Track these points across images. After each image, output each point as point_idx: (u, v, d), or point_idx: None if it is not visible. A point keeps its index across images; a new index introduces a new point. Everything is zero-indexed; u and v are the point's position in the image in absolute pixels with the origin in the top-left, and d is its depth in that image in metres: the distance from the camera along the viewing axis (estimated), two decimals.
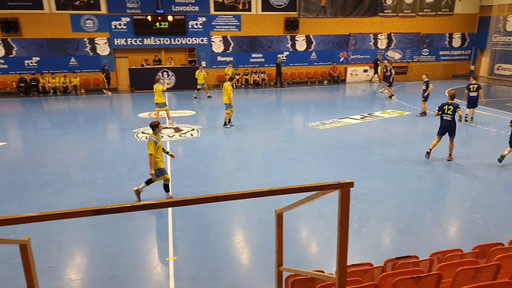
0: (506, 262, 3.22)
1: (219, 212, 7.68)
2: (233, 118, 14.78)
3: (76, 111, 18.71)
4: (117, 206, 2.05)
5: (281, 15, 23.92)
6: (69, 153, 11.63)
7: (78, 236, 6.88)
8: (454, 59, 27.61)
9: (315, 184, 2.20)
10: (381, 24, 25.48)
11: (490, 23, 25.81)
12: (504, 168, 10.27)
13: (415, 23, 26.04)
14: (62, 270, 5.95)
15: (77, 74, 22.52)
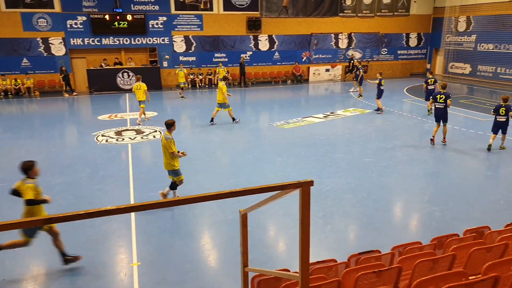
0: (460, 252, 3.35)
1: (185, 215, 7.56)
2: (197, 118, 14.62)
3: (30, 114, 17.88)
4: (69, 213, 1.95)
5: (244, 15, 23.92)
6: (23, 158, 11.04)
7: (32, 246, 6.55)
8: (411, 58, 28.64)
9: (276, 184, 2.18)
10: (341, 24, 26.03)
11: (443, 23, 26.98)
12: (459, 163, 10.75)
13: (374, 23, 26.80)
14: (17, 284, 5.65)
15: (30, 76, 21.47)
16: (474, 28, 25.05)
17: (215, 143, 12.66)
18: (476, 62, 25.11)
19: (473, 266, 3.15)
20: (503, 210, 7.64)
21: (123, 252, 6.41)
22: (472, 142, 12.33)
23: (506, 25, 22.87)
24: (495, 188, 8.78)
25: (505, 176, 9.60)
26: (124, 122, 15.15)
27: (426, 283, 2.55)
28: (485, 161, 10.71)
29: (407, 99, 19.39)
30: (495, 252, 3.29)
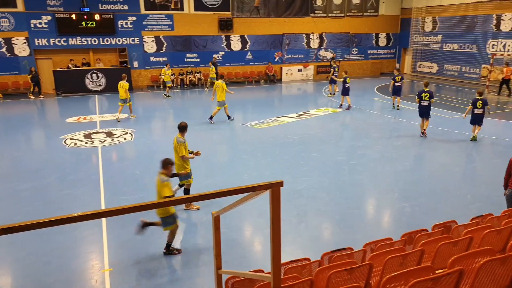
0: (429, 247, 3.43)
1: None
2: (169, 119, 14.43)
3: None
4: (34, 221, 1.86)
5: (215, 15, 23.80)
6: None
7: None
8: (381, 57, 29.26)
9: (245, 186, 2.16)
10: (312, 24, 26.30)
11: (410, 24, 27.71)
12: (428, 160, 11.06)
13: (344, 23, 27.22)
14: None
15: None
16: (440, 29, 25.84)
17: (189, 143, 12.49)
18: (442, 61, 25.91)
19: (440, 260, 3.23)
20: (469, 204, 7.90)
21: (95, 258, 6.25)
22: (439, 139, 12.70)
23: (470, 25, 23.72)
24: (462, 183, 9.07)
25: (471, 172, 9.94)
26: (94, 125, 14.78)
27: (396, 279, 2.59)
28: (452, 157, 11.05)
29: (378, 98, 19.79)
30: (461, 245, 3.39)
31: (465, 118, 12.65)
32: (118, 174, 9.87)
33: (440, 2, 25.38)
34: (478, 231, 3.70)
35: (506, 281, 2.72)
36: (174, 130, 14.16)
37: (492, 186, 8.68)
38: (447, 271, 2.42)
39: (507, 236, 3.57)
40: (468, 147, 11.85)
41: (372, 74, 28.86)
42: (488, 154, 11.49)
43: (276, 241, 2.21)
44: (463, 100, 18.94)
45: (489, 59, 21.50)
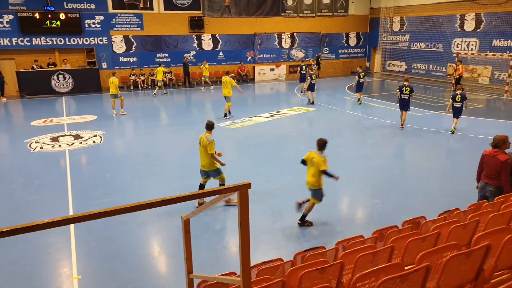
0: (398, 243, 3.48)
1: (128, 222, 7.24)
2: (138, 120, 14.15)
3: None
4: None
5: (185, 14, 23.52)
6: None
7: None
8: (352, 56, 29.72)
9: (213, 189, 2.11)
10: (284, 24, 26.42)
11: (379, 23, 28.29)
12: (398, 157, 11.29)
13: (315, 23, 27.48)
14: None
15: None
16: (407, 28, 26.50)
17: (160, 146, 12.31)
18: (411, 60, 26.58)
19: (410, 256, 3.28)
20: (438, 199, 8.11)
21: (62, 266, 6.02)
22: (410, 136, 13.00)
23: (435, 25, 24.43)
24: (431, 179, 9.30)
25: (440, 168, 10.21)
26: (61, 128, 14.31)
27: (366, 277, 2.60)
28: (422, 154, 11.33)
29: (349, 97, 20.07)
30: (429, 241, 3.45)
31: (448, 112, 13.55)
32: (87, 178, 9.59)
33: (407, 2, 26.02)
34: (445, 226, 3.78)
35: (471, 275, 2.78)
36: (146, 131, 14.02)
37: (460, 180, 8.94)
38: (415, 268, 2.44)
39: (472, 231, 3.66)
40: (437, 143, 12.18)
41: (343, 73, 29.28)
42: (456, 149, 11.85)
43: (245, 243, 2.17)
44: (431, 98, 19.48)
45: (454, 57, 22.22)
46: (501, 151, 5.94)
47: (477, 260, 2.74)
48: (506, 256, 2.93)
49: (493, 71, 21.43)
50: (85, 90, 21.11)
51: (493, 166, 5.95)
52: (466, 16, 22.49)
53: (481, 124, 14.09)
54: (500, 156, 5.86)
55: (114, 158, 11.05)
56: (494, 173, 5.96)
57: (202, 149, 7.76)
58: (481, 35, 21.82)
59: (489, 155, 6.06)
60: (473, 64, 22.40)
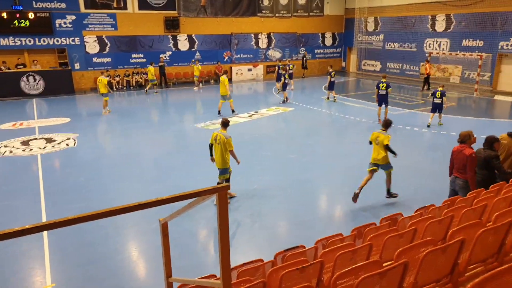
0: (377, 240, 3.52)
1: (105, 226, 7.07)
2: (114, 122, 13.86)
3: None
4: None
5: (161, 14, 23.23)
6: None
7: None
8: (328, 56, 30.02)
9: (191, 192, 2.07)
10: (260, 24, 26.45)
11: (354, 24, 28.70)
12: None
13: (291, 23, 27.63)
14: None
15: None
16: (381, 28, 26.99)
17: (136, 148, 12.11)
18: (385, 59, 27.08)
19: (388, 253, 3.32)
20: (414, 196, 8.27)
21: (35, 274, 5.84)
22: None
23: (408, 25, 24.98)
24: (407, 176, 9.48)
25: (414, 164, 10.41)
26: (32, 131, 13.88)
27: (346, 275, 2.61)
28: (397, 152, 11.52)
29: (326, 96, 20.24)
30: (406, 237, 3.51)
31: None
32: (60, 182, 9.33)
33: (380, 3, 26.49)
34: (421, 222, 3.85)
35: (447, 269, 2.84)
36: (122, 132, 13.76)
37: (434, 177, 9.16)
38: (393, 264, 2.47)
39: (447, 226, 3.74)
40: (412, 141, 12.44)
41: (320, 73, 29.54)
42: (430, 147, 12.14)
43: (224, 245, 2.14)
44: (406, 97, 19.89)
45: (427, 57, 22.77)
46: (467, 146, 6.27)
47: (452, 255, 2.80)
48: (479, 250, 3.01)
49: (463, 70, 22.08)
50: (57, 92, 20.55)
51: (460, 161, 6.29)
52: (437, 17, 23.10)
53: (454, 121, 14.47)
54: (466, 151, 6.20)
55: (88, 161, 10.79)
56: (462, 167, 6.29)
57: (217, 146, 7.84)
58: (451, 35, 22.46)
59: (457, 151, 6.40)
60: (444, 63, 23.02)
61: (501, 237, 3.22)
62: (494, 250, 3.29)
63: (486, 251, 3.20)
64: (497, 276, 2.03)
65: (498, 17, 19.94)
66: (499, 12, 19.85)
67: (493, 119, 14.17)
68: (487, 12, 20.39)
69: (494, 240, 3.18)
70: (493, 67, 20.56)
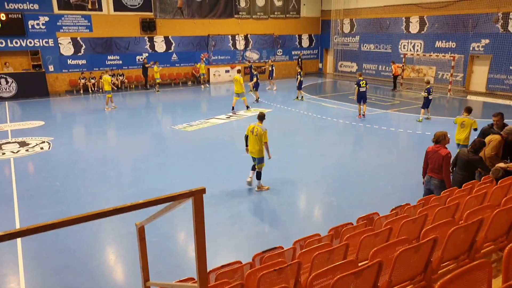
0: (353, 240, 3.58)
1: (81, 232, 6.92)
2: (89, 125, 13.59)
3: None
4: None
5: (136, 16, 22.93)
6: None
7: None
8: (305, 58, 30.23)
9: (166, 196, 2.06)
10: (238, 26, 26.46)
11: (330, 25, 29.06)
12: (352, 155, 11.62)
13: (268, 25, 27.74)
14: None
15: None
16: (357, 30, 27.41)
17: (112, 151, 11.92)
18: (361, 60, 27.51)
19: (365, 253, 3.38)
20: (390, 195, 8.44)
21: (8, 281, 5.67)
22: (361, 134, 13.45)
23: (383, 27, 25.47)
24: (383, 175, 9.66)
25: (390, 164, 10.63)
26: (5, 134, 13.48)
27: (322, 275, 2.65)
28: (373, 152, 11.74)
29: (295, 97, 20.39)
30: (382, 237, 3.58)
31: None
32: (34, 187, 9.09)
33: (356, 5, 26.91)
34: (396, 222, 3.94)
35: (420, 267, 2.91)
36: (97, 137, 13.52)
37: (409, 176, 9.36)
38: (367, 264, 2.52)
39: (421, 225, 3.84)
40: (387, 140, 12.68)
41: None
42: (404, 146, 12.41)
43: (201, 249, 2.14)
44: (381, 97, 20.25)
45: (402, 58, 23.27)
46: (442, 146, 6.38)
47: (425, 253, 2.87)
48: (451, 247, 3.10)
49: (437, 71, 22.65)
50: (31, 94, 20.02)
51: (436, 161, 6.39)
52: (411, 18, 23.62)
53: (428, 121, 14.83)
54: (441, 151, 6.31)
55: (64, 165, 10.55)
56: (437, 167, 6.39)
57: (253, 138, 8.47)
58: (425, 37, 23.02)
59: (432, 151, 6.50)
60: (418, 64, 23.56)
61: (472, 234, 3.32)
62: (466, 247, 3.39)
63: (458, 249, 3.30)
64: (466, 273, 2.10)
65: (470, 19, 20.54)
66: (471, 14, 20.45)
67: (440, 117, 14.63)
68: (459, 14, 20.98)
69: (465, 237, 3.28)
70: (465, 68, 21.17)
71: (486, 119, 15.66)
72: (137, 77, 23.51)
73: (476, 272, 2.14)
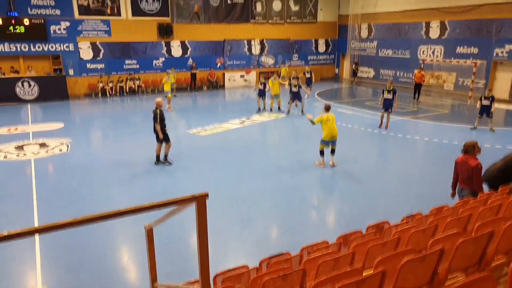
0: (361, 248, 3.56)
1: (95, 231, 7.04)
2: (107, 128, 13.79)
3: None
4: None
5: (154, 21, 23.29)
6: None
7: None
8: (321, 63, 30.18)
9: (169, 200, 2.11)
10: (253, 31, 26.57)
11: (348, 30, 28.92)
12: (364, 160, 11.52)
13: (284, 30, 27.78)
14: None
15: None
16: (375, 35, 27.20)
17: (127, 154, 12.10)
18: (379, 66, 27.25)
19: (371, 262, 3.35)
20: (403, 202, 8.33)
21: (27, 277, 5.85)
22: (376, 141, 13.33)
23: (402, 32, 25.21)
24: (396, 183, 9.54)
25: (405, 172, 10.49)
26: (26, 136, 13.84)
27: (325, 282, 2.64)
28: (388, 159, 11.63)
29: (318, 103, 20.35)
30: (389, 246, 3.55)
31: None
32: (53, 187, 9.33)
33: (374, 10, 26.71)
34: (406, 231, 3.90)
35: (427, 278, 2.88)
36: (114, 140, 13.76)
37: (424, 184, 9.23)
38: (370, 273, 2.51)
39: (431, 235, 3.79)
40: (403, 148, 12.53)
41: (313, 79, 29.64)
42: (421, 154, 12.23)
43: (203, 253, 2.17)
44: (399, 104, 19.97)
45: (421, 64, 22.93)
46: (472, 157, 6.11)
47: (432, 264, 2.84)
48: (460, 259, 3.06)
49: (457, 77, 22.23)
50: (51, 97, 20.50)
51: (465, 172, 6.13)
52: (431, 23, 23.29)
53: (446, 129, 14.60)
54: (471, 162, 6.05)
55: (81, 166, 10.78)
56: (467, 178, 6.14)
57: (333, 124, 10.27)
58: (445, 42, 22.64)
59: (461, 162, 6.26)
60: (438, 70, 23.19)
61: (482, 246, 3.26)
62: (476, 259, 3.33)
63: (467, 261, 3.25)
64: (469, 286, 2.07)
65: (493, 24, 20.11)
66: (494, 19, 20.02)
67: (486, 127, 14.28)
68: (482, 19, 20.56)
69: (475, 249, 3.22)
70: (487, 74, 20.67)
71: (509, 128, 15.37)
72: (154, 81, 23.82)
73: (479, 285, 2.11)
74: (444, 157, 11.13)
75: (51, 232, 1.95)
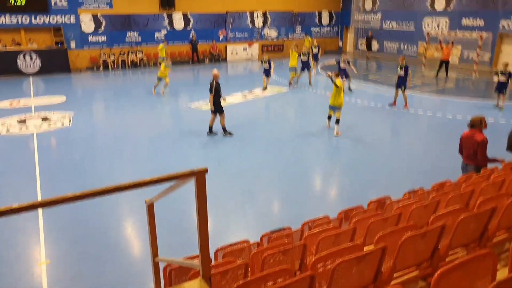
0: (361, 224, 3.57)
1: (98, 204, 7.07)
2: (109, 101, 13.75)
3: None
4: None
5: None
6: None
7: None
8: (324, 36, 29.58)
9: (169, 175, 2.09)
10: (256, 2, 25.98)
11: (352, 2, 28.20)
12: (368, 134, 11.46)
13: (287, 1, 27.12)
14: None
15: None
16: (379, 7, 26.54)
17: (129, 127, 12.08)
18: (383, 39, 26.72)
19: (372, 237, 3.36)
20: (405, 177, 8.33)
21: (31, 250, 5.93)
22: (379, 114, 13.22)
23: (406, 4, 24.57)
24: (399, 157, 9.52)
25: (408, 146, 10.46)
26: (29, 109, 13.82)
27: (325, 258, 2.66)
28: (392, 134, 11.56)
29: (321, 76, 20.10)
30: (390, 222, 3.55)
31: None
32: (55, 161, 9.38)
33: None
34: (407, 207, 3.89)
35: (427, 254, 2.89)
36: (114, 113, 13.74)
37: (426, 159, 9.20)
38: (371, 249, 2.51)
39: (432, 211, 3.79)
40: (407, 123, 12.43)
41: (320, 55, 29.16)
42: (425, 129, 12.15)
43: (203, 228, 2.17)
44: None
45: (425, 37, 22.46)
46: (478, 131, 6.01)
47: (433, 240, 2.84)
48: (461, 235, 3.06)
49: (462, 50, 21.80)
50: (53, 71, 20.34)
51: (470, 147, 6.05)
52: None
53: (450, 104, 14.44)
54: (476, 137, 5.95)
55: (83, 140, 10.80)
56: (472, 154, 6.06)
57: (340, 91, 10.51)
58: (451, 14, 22.08)
59: (466, 137, 6.15)
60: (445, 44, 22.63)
61: (483, 223, 3.26)
62: (477, 235, 3.33)
63: (468, 237, 3.25)
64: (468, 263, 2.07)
65: None
66: None
67: (490, 101, 14.10)
68: None
69: (476, 225, 3.22)
70: (493, 48, 20.24)
71: None
72: (156, 55, 23.52)
73: (479, 262, 2.11)
74: (447, 132, 11.07)
75: (55, 206, 1.95)
